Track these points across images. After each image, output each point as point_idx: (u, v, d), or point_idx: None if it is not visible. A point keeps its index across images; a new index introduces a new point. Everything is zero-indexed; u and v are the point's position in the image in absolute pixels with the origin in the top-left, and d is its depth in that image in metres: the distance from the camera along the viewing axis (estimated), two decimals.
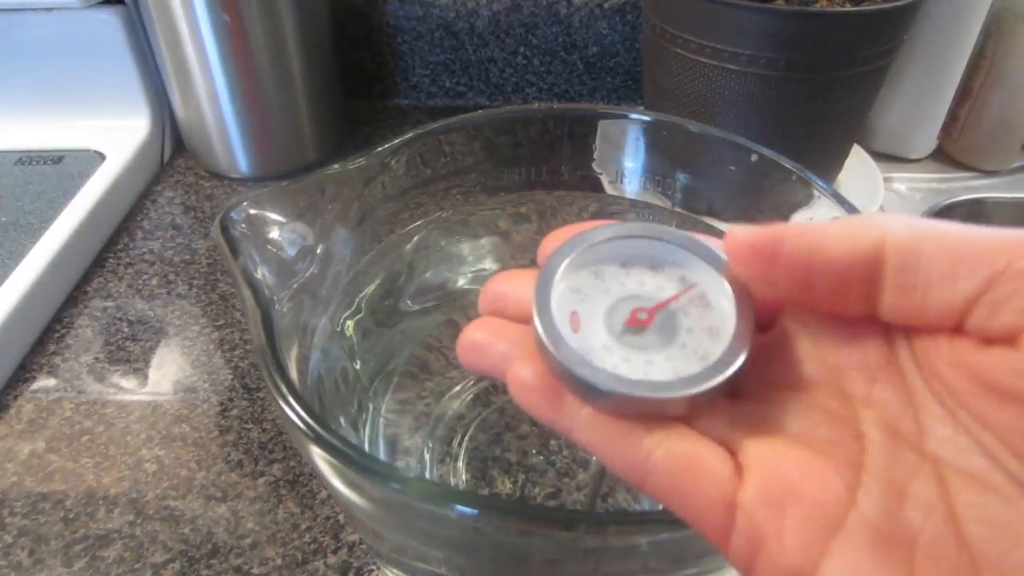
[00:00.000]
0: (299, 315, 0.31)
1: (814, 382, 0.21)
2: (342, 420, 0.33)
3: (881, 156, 0.67)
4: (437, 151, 0.38)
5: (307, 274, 0.31)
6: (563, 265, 0.22)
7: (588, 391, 0.19)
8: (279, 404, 0.23)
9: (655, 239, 0.23)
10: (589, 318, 0.21)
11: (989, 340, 0.17)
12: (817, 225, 0.19)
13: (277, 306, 0.28)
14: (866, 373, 0.20)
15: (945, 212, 0.63)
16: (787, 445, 0.20)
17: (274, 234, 0.31)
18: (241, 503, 0.42)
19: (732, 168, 0.36)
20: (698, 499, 0.19)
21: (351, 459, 0.21)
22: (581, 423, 0.20)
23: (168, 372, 0.50)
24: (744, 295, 0.21)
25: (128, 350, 0.51)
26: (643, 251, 0.23)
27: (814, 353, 0.21)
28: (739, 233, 0.20)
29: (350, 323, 0.36)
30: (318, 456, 0.23)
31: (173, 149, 0.72)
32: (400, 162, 0.37)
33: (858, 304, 0.19)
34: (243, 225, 0.30)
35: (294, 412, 0.23)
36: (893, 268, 0.18)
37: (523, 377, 0.21)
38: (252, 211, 0.30)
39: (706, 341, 0.21)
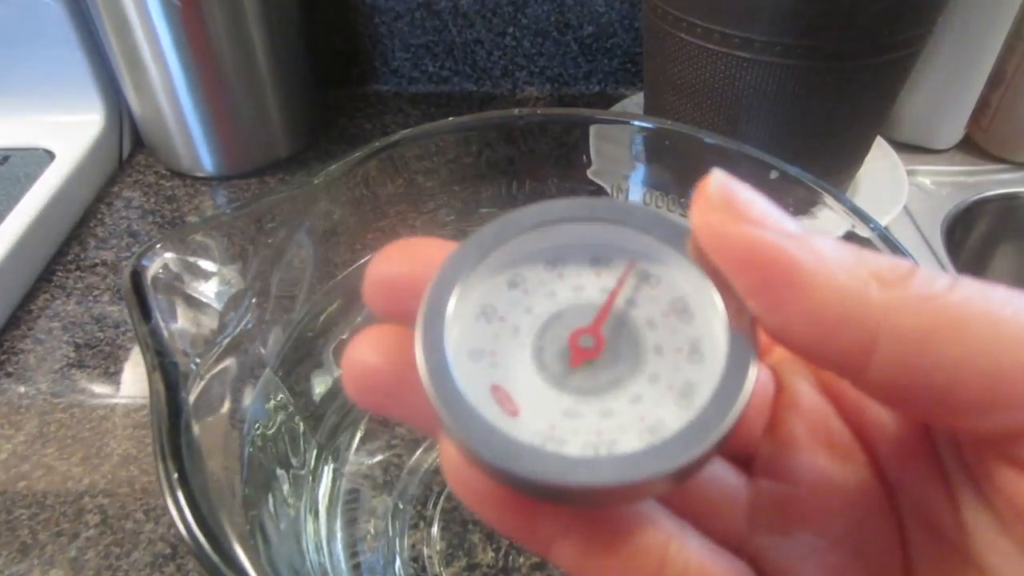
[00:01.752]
0: (233, 371, 0.26)
1: (840, 447, 0.16)
2: (286, 486, 0.28)
3: (903, 146, 0.61)
4: (400, 166, 0.32)
5: (240, 326, 0.26)
6: (445, 320, 0.15)
7: (568, 497, 0.14)
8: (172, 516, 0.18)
9: (541, 226, 0.16)
10: (522, 386, 0.15)
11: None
12: (803, 258, 0.13)
13: (198, 375, 0.23)
14: (896, 445, 0.16)
15: (974, 208, 0.57)
16: (830, 567, 0.15)
17: (199, 282, 0.25)
18: (192, 560, 0.37)
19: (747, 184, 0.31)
20: None
21: None
22: (564, 546, 0.14)
23: (119, 405, 0.45)
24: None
25: (74, 379, 0.46)
26: (532, 249, 0.16)
27: (828, 408, 0.17)
28: (707, 214, 0.14)
29: (300, 371, 0.31)
30: None
31: (133, 145, 0.66)
32: (357, 181, 0.31)
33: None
34: (160, 274, 0.25)
35: (187, 530, 0.18)
36: (879, 381, 0.13)
37: (465, 474, 0.14)
38: (169, 255, 0.25)
39: (680, 326, 0.15)
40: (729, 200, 0.14)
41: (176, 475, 0.19)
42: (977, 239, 0.59)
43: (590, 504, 0.14)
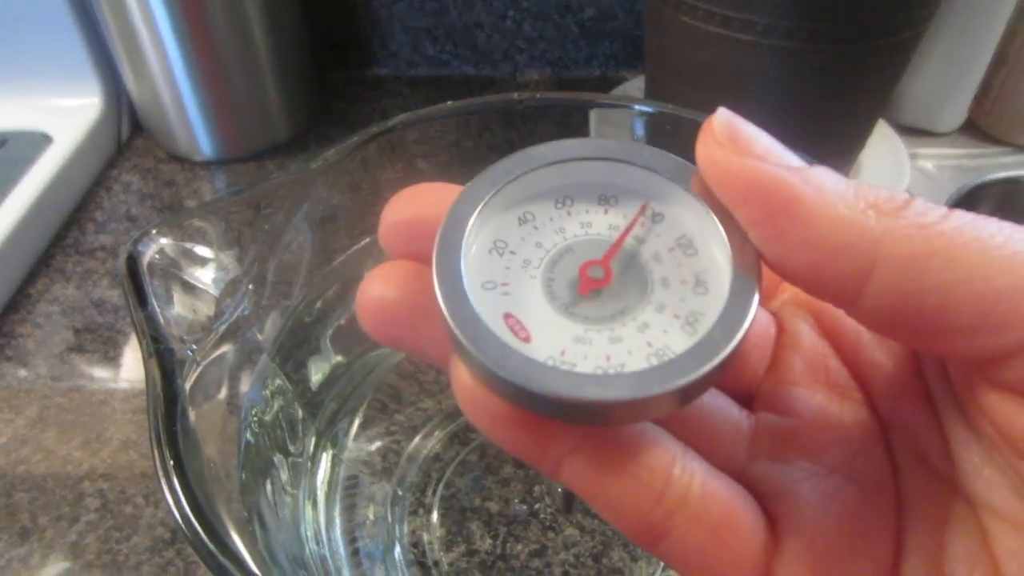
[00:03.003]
0: (229, 358, 0.26)
1: (837, 385, 0.17)
2: (284, 473, 0.28)
3: (905, 129, 0.61)
4: (400, 150, 0.32)
5: (237, 312, 0.26)
6: (462, 252, 0.15)
7: (582, 413, 0.14)
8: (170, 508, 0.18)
9: (543, 166, 0.16)
10: (533, 314, 0.15)
11: (1017, 392, 0.14)
12: (804, 189, 0.14)
13: (195, 362, 0.23)
14: (890, 383, 0.16)
15: (976, 193, 0.57)
16: (827, 487, 0.16)
17: (196, 267, 0.25)
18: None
19: None
20: (726, 571, 0.15)
21: None
22: (574, 463, 0.15)
23: (118, 388, 0.45)
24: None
25: (73, 364, 0.46)
26: (542, 186, 0.17)
27: (827, 348, 0.17)
28: (712, 148, 0.15)
29: (297, 357, 0.31)
30: None
31: (132, 129, 0.66)
32: (356, 165, 0.31)
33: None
34: (156, 259, 0.24)
35: (182, 518, 0.18)
36: (874, 306, 0.13)
37: (477, 395, 0.15)
38: (165, 240, 0.25)
39: (685, 260, 0.16)
40: (733, 135, 0.15)
41: (172, 462, 0.19)
42: None
43: (600, 420, 0.15)
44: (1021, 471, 0.14)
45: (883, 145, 0.57)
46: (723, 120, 0.15)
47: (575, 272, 0.16)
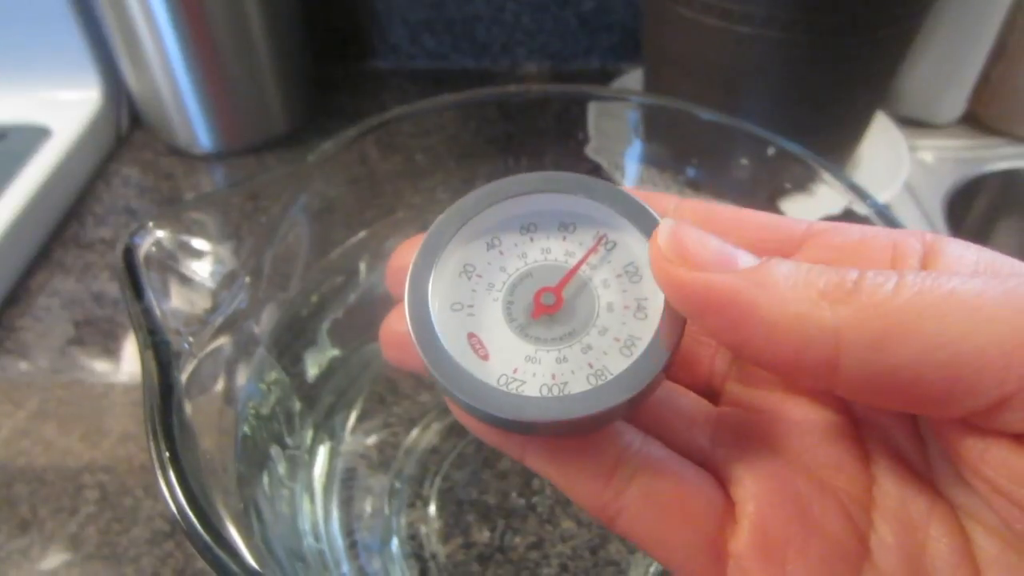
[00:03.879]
0: (226, 350, 0.26)
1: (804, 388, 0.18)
2: (281, 466, 0.28)
3: (905, 121, 0.61)
4: (398, 143, 0.32)
5: (234, 305, 0.26)
6: (431, 278, 0.17)
7: (524, 429, 0.16)
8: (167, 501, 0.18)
9: (508, 197, 0.18)
10: (493, 335, 0.17)
11: (988, 432, 0.14)
12: (756, 293, 0.14)
13: (191, 354, 0.23)
14: None
15: (976, 184, 0.57)
16: (785, 473, 0.16)
17: (192, 260, 0.25)
18: None
19: (744, 161, 0.31)
20: (680, 546, 0.16)
21: None
22: (535, 450, 0.17)
23: (118, 381, 0.45)
24: None
25: (73, 357, 0.46)
26: (508, 215, 0.18)
27: None
28: (663, 265, 0.15)
29: (294, 349, 0.31)
30: None
31: (131, 122, 0.66)
32: (354, 158, 0.31)
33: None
34: (153, 252, 0.24)
35: (179, 512, 0.18)
36: (851, 387, 0.14)
37: None
38: (162, 233, 0.25)
39: (630, 286, 0.17)
40: (679, 248, 0.15)
41: (168, 454, 0.19)
42: (978, 215, 0.58)
43: (542, 434, 0.16)
44: (994, 503, 0.14)
45: (882, 137, 0.57)
46: (667, 235, 0.15)
47: (532, 296, 0.17)
